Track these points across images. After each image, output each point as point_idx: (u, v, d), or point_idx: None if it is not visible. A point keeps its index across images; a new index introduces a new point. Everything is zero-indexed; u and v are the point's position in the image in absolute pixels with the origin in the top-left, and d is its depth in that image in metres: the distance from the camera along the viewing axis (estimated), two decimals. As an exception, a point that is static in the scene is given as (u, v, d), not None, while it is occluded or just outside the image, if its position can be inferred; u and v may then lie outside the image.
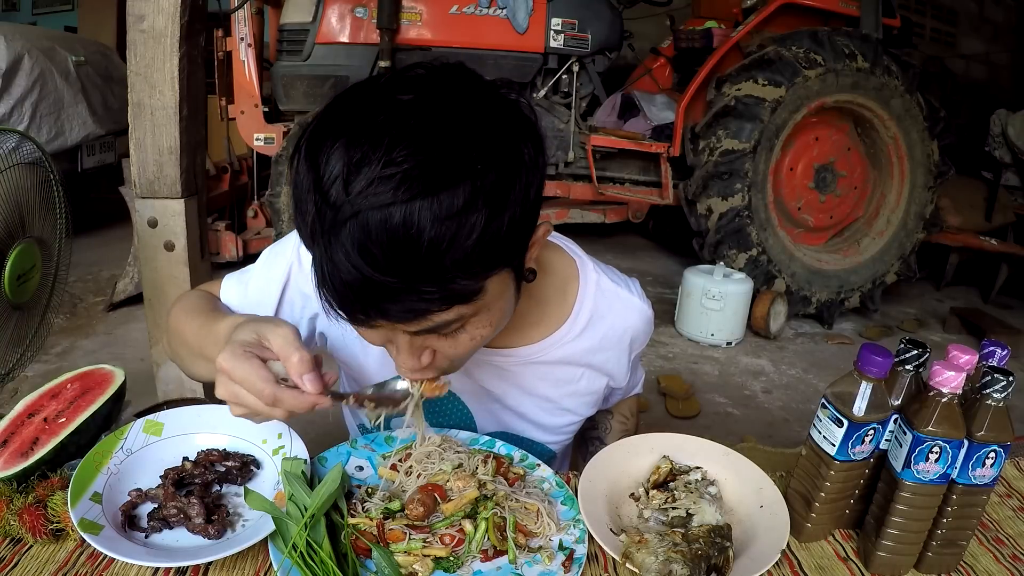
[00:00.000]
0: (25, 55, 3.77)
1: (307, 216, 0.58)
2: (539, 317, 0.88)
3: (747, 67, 3.50)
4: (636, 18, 4.59)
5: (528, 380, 0.92)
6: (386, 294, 0.57)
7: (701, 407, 2.83)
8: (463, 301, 0.61)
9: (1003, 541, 0.84)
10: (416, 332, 0.64)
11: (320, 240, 0.57)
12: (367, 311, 0.59)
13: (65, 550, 0.71)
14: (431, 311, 0.60)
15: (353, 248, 0.55)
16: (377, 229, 0.54)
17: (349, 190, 0.54)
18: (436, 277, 0.57)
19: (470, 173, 0.55)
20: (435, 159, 0.54)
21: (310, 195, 0.57)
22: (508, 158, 0.59)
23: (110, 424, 0.88)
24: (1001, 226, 4.46)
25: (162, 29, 2.03)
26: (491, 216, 0.56)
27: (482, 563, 0.72)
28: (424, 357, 0.69)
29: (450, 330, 0.65)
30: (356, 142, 0.56)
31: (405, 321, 0.61)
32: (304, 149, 0.59)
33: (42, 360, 2.74)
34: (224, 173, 3.95)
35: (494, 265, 0.62)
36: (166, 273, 2.27)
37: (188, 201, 2.23)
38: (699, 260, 3.75)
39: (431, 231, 0.54)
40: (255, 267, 0.92)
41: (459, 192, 0.54)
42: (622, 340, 0.94)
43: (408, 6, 3.63)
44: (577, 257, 0.92)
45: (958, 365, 0.71)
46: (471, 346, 0.70)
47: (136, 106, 2.10)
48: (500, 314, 0.69)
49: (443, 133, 0.56)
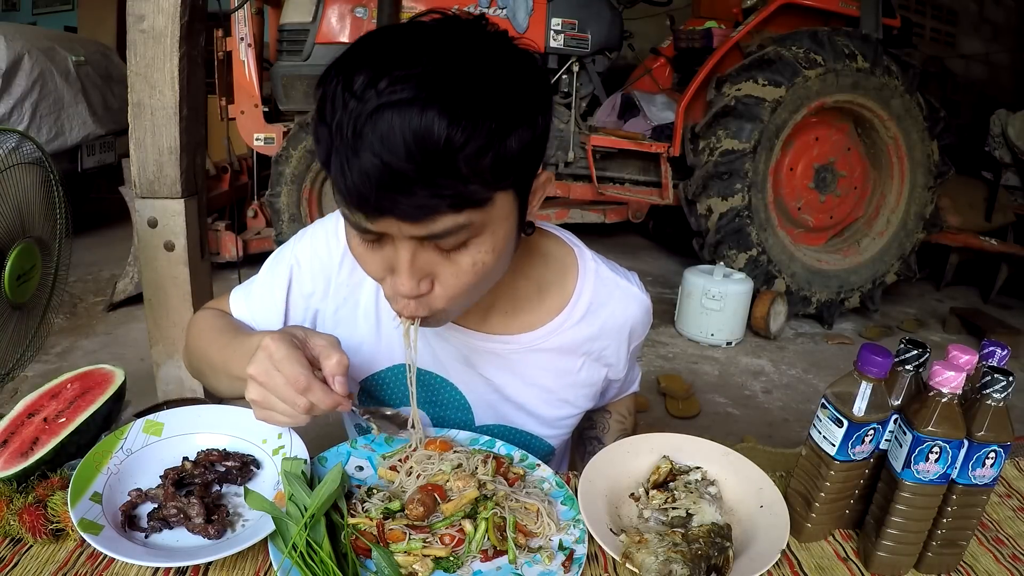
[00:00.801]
0: (25, 55, 3.77)
1: (334, 114, 0.61)
2: (538, 303, 0.89)
3: (747, 67, 3.50)
4: (636, 18, 4.59)
5: (528, 369, 0.92)
6: (402, 184, 0.59)
7: (701, 407, 2.83)
8: (473, 205, 0.63)
9: (1003, 541, 0.84)
10: (423, 238, 0.64)
11: (346, 133, 0.59)
12: (381, 204, 0.61)
13: (65, 550, 0.71)
14: (441, 209, 0.61)
15: (376, 139, 0.58)
16: (400, 122, 0.57)
17: (377, 88, 0.58)
18: (450, 173, 0.59)
19: (486, 85, 0.60)
20: (455, 68, 0.59)
21: (340, 96, 0.60)
22: (521, 83, 0.64)
23: (110, 424, 0.88)
24: (1001, 226, 4.47)
25: (162, 29, 2.03)
26: (502, 127, 0.61)
27: (482, 563, 0.72)
28: (423, 284, 0.69)
29: (456, 242, 0.66)
30: (384, 56, 0.61)
31: (415, 220, 0.62)
32: (334, 68, 0.63)
33: (42, 360, 2.74)
34: (224, 173, 3.95)
35: (502, 178, 0.64)
36: (166, 273, 2.27)
37: (188, 201, 2.23)
38: (699, 260, 3.75)
39: (448, 129, 0.57)
40: (258, 277, 0.95)
41: (475, 99, 0.59)
42: (621, 329, 0.94)
43: (408, 6, 3.63)
44: (576, 246, 0.93)
45: (958, 365, 0.71)
46: (472, 273, 0.69)
47: (136, 106, 2.10)
48: (501, 244, 0.70)
49: (463, 50, 0.61)
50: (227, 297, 0.98)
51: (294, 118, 3.69)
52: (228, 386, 0.86)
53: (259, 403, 0.72)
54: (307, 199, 3.58)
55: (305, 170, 3.51)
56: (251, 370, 0.70)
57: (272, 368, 0.69)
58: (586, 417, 1.15)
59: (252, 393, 0.71)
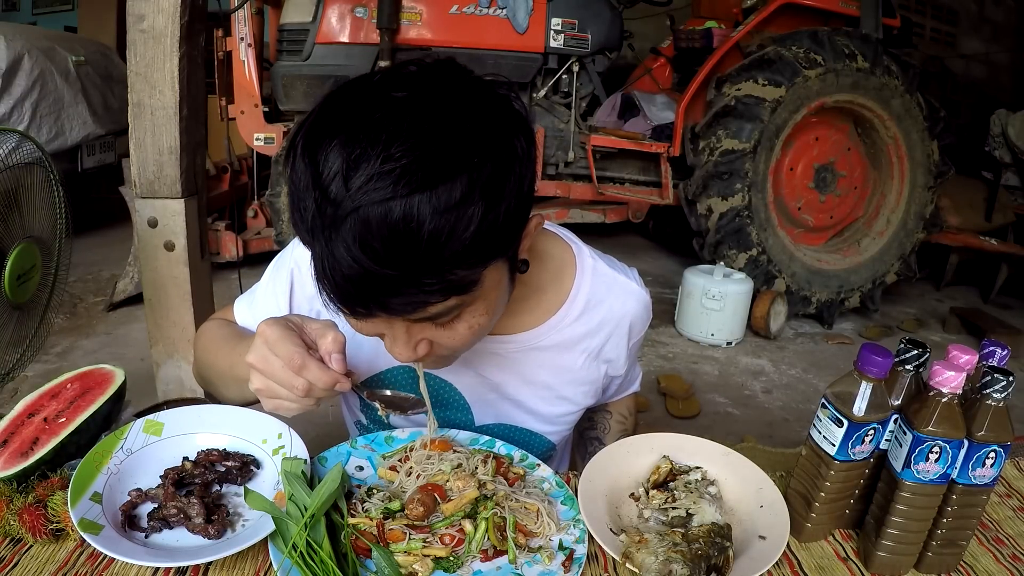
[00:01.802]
0: (25, 55, 3.77)
1: (306, 213, 0.58)
2: (537, 303, 0.89)
3: (747, 67, 3.50)
4: (636, 18, 4.59)
5: (527, 367, 0.92)
6: (387, 287, 0.58)
7: (701, 407, 2.83)
8: (461, 292, 0.62)
9: (1003, 541, 0.84)
10: (415, 321, 0.65)
11: (320, 236, 0.58)
12: (367, 304, 0.60)
13: (65, 550, 0.71)
14: (430, 302, 0.61)
15: (354, 243, 0.55)
16: (377, 223, 0.54)
17: (349, 186, 0.55)
18: (436, 269, 0.58)
19: (467, 167, 0.56)
20: (432, 154, 0.55)
21: (309, 192, 0.58)
22: (502, 151, 0.60)
23: (110, 424, 0.88)
24: (1001, 226, 4.46)
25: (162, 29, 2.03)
26: (488, 208, 0.58)
27: (482, 563, 0.72)
28: (420, 348, 0.70)
29: (447, 319, 0.66)
30: (354, 139, 0.57)
31: (404, 314, 0.62)
32: (300, 146, 0.60)
33: (42, 360, 2.74)
34: (224, 173, 3.95)
35: (491, 256, 0.63)
36: (166, 273, 2.27)
37: (188, 201, 2.23)
38: (699, 260, 3.75)
39: (430, 224, 0.55)
40: (260, 284, 0.96)
41: (456, 185, 0.55)
42: (620, 325, 0.94)
43: (408, 6, 3.63)
44: (573, 244, 0.93)
45: (958, 365, 0.71)
46: (469, 335, 0.70)
47: (136, 106, 2.10)
48: (495, 304, 0.70)
49: (438, 128, 0.57)
50: (231, 307, 0.99)
51: (294, 118, 3.69)
52: (237, 392, 0.86)
53: (263, 391, 0.70)
54: (307, 199, 3.57)
55: (305, 170, 3.51)
56: (249, 358, 0.69)
57: (268, 352, 0.68)
58: (586, 417, 1.15)
59: (255, 382, 0.70)
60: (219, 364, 0.88)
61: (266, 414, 0.87)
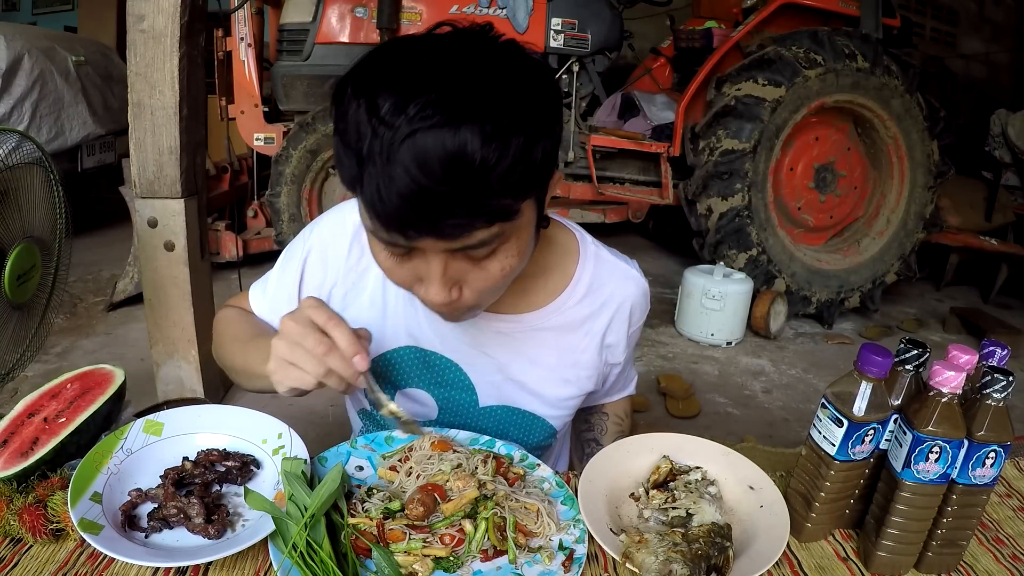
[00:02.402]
0: (25, 55, 3.77)
1: (362, 141, 0.61)
2: (543, 284, 0.93)
3: (747, 67, 3.50)
4: (636, 18, 4.59)
5: (532, 348, 0.94)
6: (440, 206, 0.61)
7: (701, 407, 2.83)
8: (504, 219, 0.66)
9: (1003, 541, 0.84)
10: (456, 250, 0.67)
11: (378, 160, 0.61)
12: (419, 225, 0.63)
13: (65, 550, 0.71)
14: (476, 226, 0.64)
15: (412, 163, 0.59)
16: (433, 145, 0.59)
17: (406, 112, 0.59)
18: (484, 192, 0.62)
19: (511, 103, 0.62)
20: (480, 88, 0.61)
21: (365, 122, 0.61)
22: (541, 95, 0.66)
23: (110, 424, 0.88)
24: (1001, 226, 4.46)
25: (162, 29, 2.03)
26: (528, 141, 0.63)
27: (482, 563, 0.72)
28: (453, 292, 0.72)
29: (485, 252, 0.69)
30: (406, 77, 0.61)
31: (451, 237, 0.65)
32: (351, 89, 0.64)
33: (42, 360, 2.74)
34: (224, 173, 3.95)
35: (529, 188, 0.67)
36: (166, 273, 2.27)
37: (188, 201, 2.23)
38: (699, 260, 3.75)
39: (481, 149, 0.59)
40: (273, 272, 0.99)
41: (503, 118, 0.60)
42: (621, 309, 0.97)
43: (408, 6, 3.63)
44: (576, 231, 0.98)
45: (958, 365, 0.71)
46: (499, 275, 0.72)
47: (136, 106, 2.10)
48: (525, 247, 0.74)
49: (485, 68, 0.63)
50: (247, 293, 1.02)
51: (294, 118, 3.69)
52: (250, 384, 0.90)
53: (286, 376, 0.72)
54: (307, 199, 3.58)
55: (305, 170, 3.51)
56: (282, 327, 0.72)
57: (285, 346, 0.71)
58: (583, 419, 1.16)
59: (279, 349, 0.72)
60: (233, 359, 0.92)
61: (266, 414, 0.87)
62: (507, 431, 0.99)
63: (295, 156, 3.48)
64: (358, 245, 0.91)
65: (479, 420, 0.98)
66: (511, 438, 0.98)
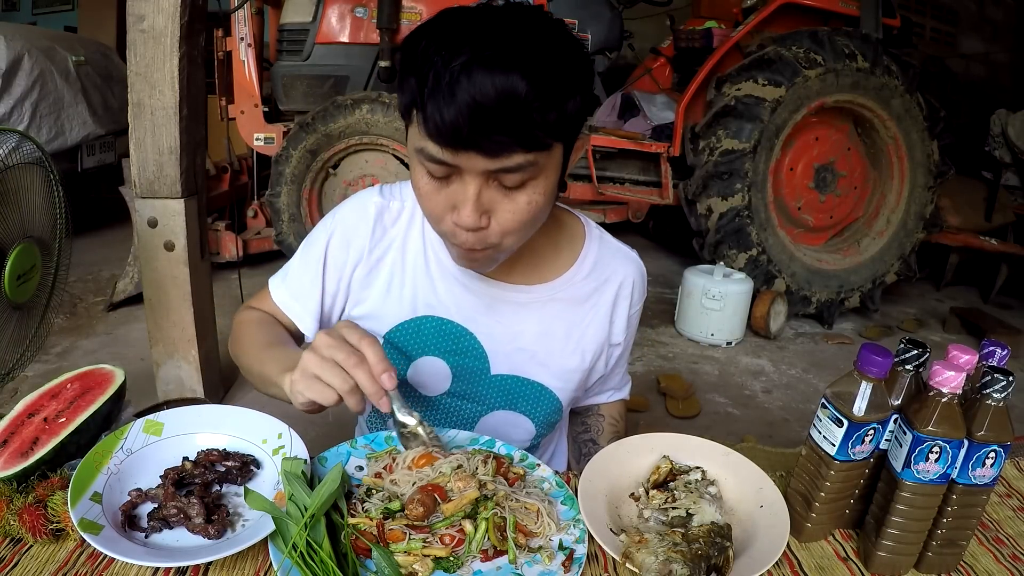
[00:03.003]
0: (25, 55, 3.77)
1: (430, 66, 0.71)
2: (553, 259, 1.02)
3: (747, 67, 3.50)
4: (636, 18, 4.59)
5: (544, 318, 1.01)
6: (490, 124, 0.70)
7: (701, 407, 2.83)
8: (539, 148, 0.75)
9: (1003, 541, 0.84)
10: (493, 172, 0.75)
11: (443, 84, 0.70)
12: (469, 139, 0.71)
13: (65, 550, 0.71)
14: (516, 149, 0.73)
15: (470, 86, 0.69)
16: (490, 77, 0.69)
17: (471, 48, 0.70)
18: (527, 119, 0.71)
19: (554, 58, 0.72)
20: (529, 42, 0.72)
21: (433, 54, 0.71)
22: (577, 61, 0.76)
23: (110, 424, 0.88)
24: (1001, 226, 4.46)
25: (162, 29, 2.03)
26: (565, 92, 0.73)
27: (482, 563, 0.72)
28: (483, 219, 0.79)
29: (518, 179, 0.77)
30: (468, 27, 0.73)
31: (494, 155, 0.73)
32: (424, 32, 0.75)
33: (42, 360, 2.74)
34: (224, 173, 3.95)
35: (561, 132, 0.76)
36: (166, 273, 2.27)
37: (188, 201, 2.23)
38: (699, 260, 3.75)
39: (526, 88, 0.69)
40: (293, 262, 1.04)
41: (547, 67, 0.71)
42: (623, 286, 1.05)
43: (408, 6, 3.63)
44: (582, 217, 1.08)
45: (958, 365, 0.71)
46: (526, 211, 0.80)
47: (136, 106, 2.10)
48: (551, 187, 0.82)
49: (534, 27, 0.74)
50: (266, 291, 1.05)
51: (294, 118, 3.69)
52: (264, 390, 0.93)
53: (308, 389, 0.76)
54: (307, 199, 3.58)
55: (305, 170, 3.51)
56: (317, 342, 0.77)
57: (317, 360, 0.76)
58: (579, 421, 1.20)
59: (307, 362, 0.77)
60: (252, 365, 0.95)
61: (266, 414, 0.87)
62: (516, 400, 1.04)
63: (295, 156, 3.48)
64: (380, 226, 0.99)
65: (490, 388, 1.03)
66: (520, 408, 1.03)
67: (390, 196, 1.00)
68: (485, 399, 1.03)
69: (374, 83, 3.71)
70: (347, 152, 3.54)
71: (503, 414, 1.04)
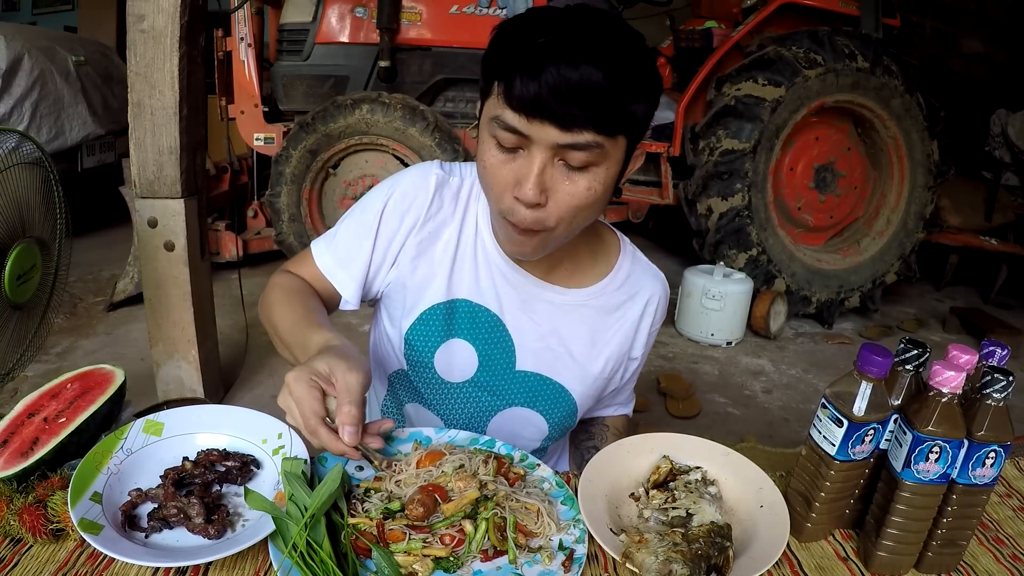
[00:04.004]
0: (25, 55, 3.77)
1: (519, 49, 0.77)
2: (591, 267, 1.06)
3: (747, 67, 3.50)
4: (636, 18, 4.58)
5: (574, 321, 1.04)
6: (567, 99, 0.75)
7: (701, 407, 2.83)
8: (607, 132, 0.79)
9: (1003, 541, 0.84)
10: (563, 146, 0.78)
11: (529, 60, 0.76)
12: (546, 108, 0.76)
13: (65, 550, 0.71)
14: (587, 126, 0.77)
15: (553, 66, 0.75)
16: (571, 63, 0.74)
17: (557, 37, 0.76)
18: (599, 103, 0.76)
19: (633, 62, 0.78)
20: (616, 43, 0.78)
21: (523, 40, 0.77)
22: (651, 72, 0.81)
23: (110, 424, 0.88)
24: (1001, 226, 4.46)
25: (162, 29, 2.03)
26: (636, 94, 0.79)
27: (482, 563, 0.72)
28: (542, 196, 0.82)
29: (584, 159, 0.80)
30: (562, 17, 0.79)
31: (567, 127, 0.77)
32: (511, 25, 0.81)
33: (42, 360, 2.74)
34: (224, 173, 3.95)
35: (625, 127, 0.81)
36: (166, 273, 2.27)
37: (188, 201, 2.23)
38: (699, 260, 3.75)
39: (603, 78, 0.75)
40: (341, 227, 1.04)
41: (626, 67, 0.77)
42: (651, 302, 1.08)
43: (408, 6, 3.63)
44: (618, 234, 1.12)
45: (958, 365, 0.71)
46: (584, 197, 0.82)
47: (136, 106, 2.10)
48: (610, 180, 0.84)
49: (620, 33, 0.79)
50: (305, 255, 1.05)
51: (294, 118, 3.69)
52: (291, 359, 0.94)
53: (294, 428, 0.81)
54: (307, 199, 3.58)
55: (305, 170, 3.51)
56: (279, 399, 0.79)
57: (292, 405, 0.77)
58: (583, 430, 1.21)
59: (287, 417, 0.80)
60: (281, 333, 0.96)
61: (266, 414, 0.87)
62: (536, 399, 1.05)
63: (295, 156, 3.48)
64: (439, 198, 1.00)
65: (513, 382, 1.05)
66: (538, 407, 1.06)
67: (451, 172, 1.02)
68: (506, 394, 1.04)
69: (374, 83, 3.71)
70: (347, 152, 3.54)
71: (520, 411, 1.05)
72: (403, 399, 1.09)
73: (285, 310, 0.97)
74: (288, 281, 1.02)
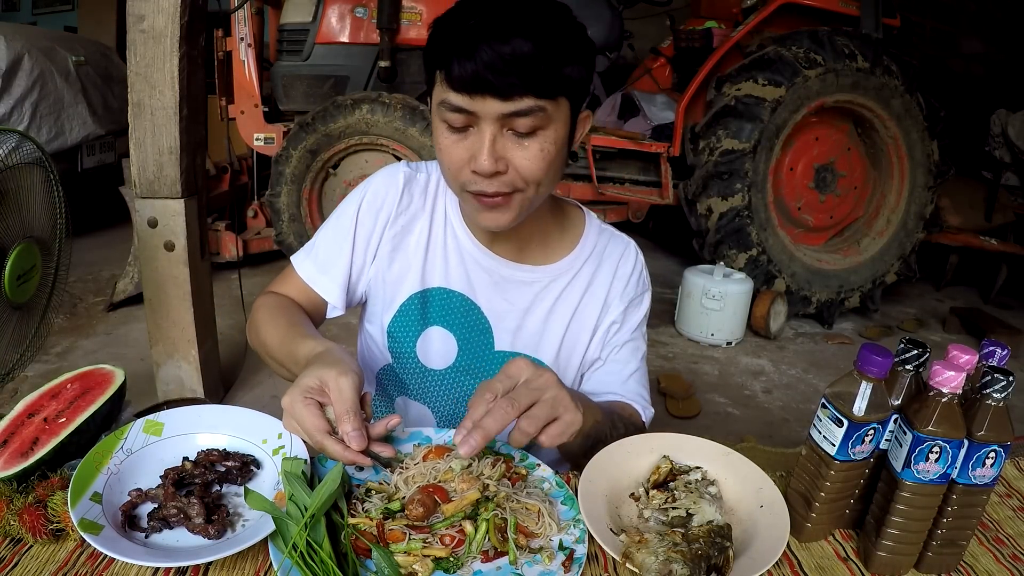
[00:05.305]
0: (25, 55, 3.77)
1: (454, 31, 0.82)
2: (558, 243, 1.09)
3: (747, 67, 3.50)
4: (636, 18, 4.58)
5: (548, 298, 1.08)
6: (502, 71, 0.80)
7: (701, 407, 2.83)
8: (545, 96, 0.83)
9: (1003, 541, 0.84)
10: (507, 115, 0.83)
11: (464, 42, 0.80)
12: (485, 84, 0.81)
13: (65, 550, 0.71)
14: (525, 92, 0.82)
15: (487, 45, 0.79)
16: (503, 38, 0.79)
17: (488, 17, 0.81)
18: (533, 70, 0.81)
19: (559, 28, 0.84)
20: (541, 14, 0.83)
21: (457, 22, 0.82)
22: (577, 38, 0.86)
23: (110, 424, 0.88)
24: (1001, 226, 4.46)
25: (162, 29, 2.03)
26: (567, 57, 0.84)
27: (482, 563, 0.72)
28: (500, 164, 0.86)
29: (530, 124, 0.84)
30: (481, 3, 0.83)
31: (506, 96, 0.81)
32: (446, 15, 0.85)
33: (42, 360, 2.74)
34: (224, 173, 3.95)
35: (563, 89, 0.85)
36: (166, 273, 2.27)
37: (188, 201, 2.23)
38: (699, 260, 3.75)
39: (534, 47, 0.80)
40: (319, 236, 1.08)
41: (553, 34, 0.82)
42: (620, 269, 1.10)
43: (408, 6, 3.63)
44: (580, 206, 1.15)
45: (958, 365, 0.71)
46: (540, 159, 0.87)
47: (136, 106, 2.10)
48: (561, 140, 0.89)
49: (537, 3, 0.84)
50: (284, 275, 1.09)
51: (294, 118, 3.69)
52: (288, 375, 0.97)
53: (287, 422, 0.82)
54: (307, 199, 3.58)
55: (305, 170, 3.51)
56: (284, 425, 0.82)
57: (296, 426, 0.80)
58: None
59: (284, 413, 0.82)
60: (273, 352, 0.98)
61: (266, 415, 0.87)
62: None
63: (295, 156, 3.48)
64: (408, 194, 1.05)
65: (493, 363, 1.08)
66: None
67: (417, 169, 1.07)
68: (488, 375, 1.05)
69: (374, 83, 3.71)
70: (347, 152, 3.54)
71: None
72: (392, 394, 1.12)
73: (271, 329, 1.00)
74: (271, 300, 1.06)
